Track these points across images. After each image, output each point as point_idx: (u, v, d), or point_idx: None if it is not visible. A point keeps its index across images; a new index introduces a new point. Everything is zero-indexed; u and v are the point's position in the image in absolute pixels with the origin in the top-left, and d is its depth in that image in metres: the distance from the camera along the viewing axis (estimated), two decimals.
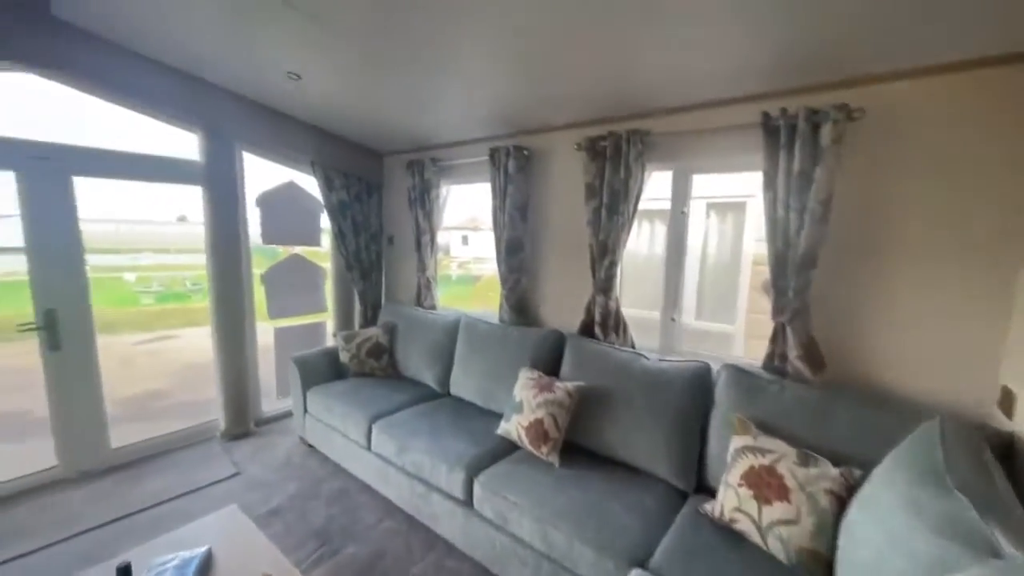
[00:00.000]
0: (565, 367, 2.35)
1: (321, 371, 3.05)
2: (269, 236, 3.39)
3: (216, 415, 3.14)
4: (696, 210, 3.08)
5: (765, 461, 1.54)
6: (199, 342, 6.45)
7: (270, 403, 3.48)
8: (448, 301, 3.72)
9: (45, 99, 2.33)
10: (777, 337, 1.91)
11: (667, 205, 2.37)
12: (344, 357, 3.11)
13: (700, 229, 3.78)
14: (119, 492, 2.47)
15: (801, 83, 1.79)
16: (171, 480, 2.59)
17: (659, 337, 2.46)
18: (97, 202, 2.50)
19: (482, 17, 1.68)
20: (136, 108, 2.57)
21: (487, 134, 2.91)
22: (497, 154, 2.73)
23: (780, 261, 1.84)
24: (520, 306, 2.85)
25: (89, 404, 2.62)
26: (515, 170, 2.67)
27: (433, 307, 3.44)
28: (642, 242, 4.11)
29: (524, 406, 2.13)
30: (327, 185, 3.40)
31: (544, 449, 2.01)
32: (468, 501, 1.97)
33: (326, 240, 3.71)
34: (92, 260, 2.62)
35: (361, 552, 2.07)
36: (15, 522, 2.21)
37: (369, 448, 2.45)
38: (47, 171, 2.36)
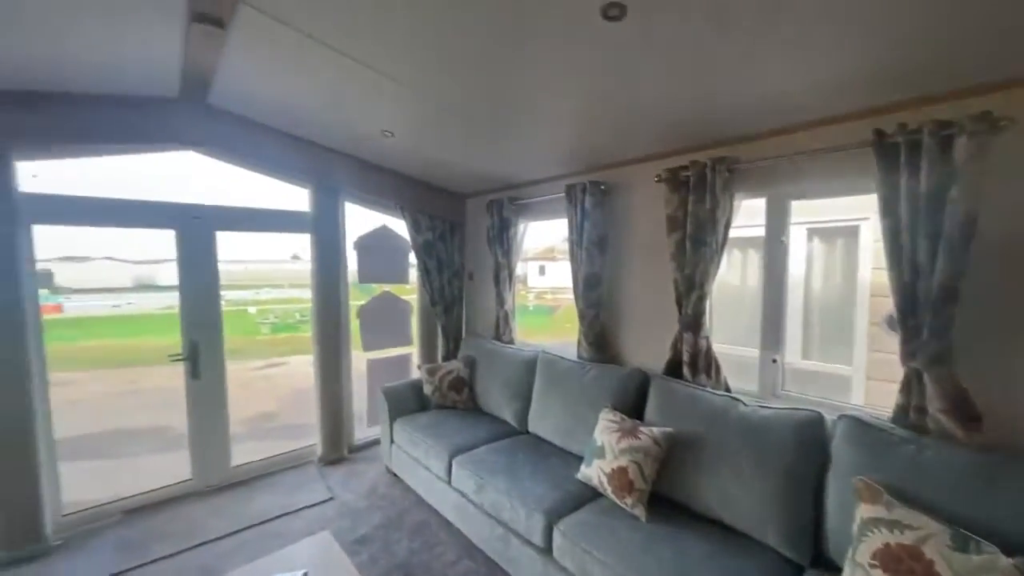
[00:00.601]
0: (650, 410, 2.20)
1: (407, 402, 3.20)
2: (365, 275, 3.72)
3: (315, 440, 3.41)
4: (796, 235, 2.78)
5: (905, 540, 1.27)
6: (304, 368, 7.18)
7: (361, 430, 3.71)
8: (525, 332, 3.73)
9: (197, 168, 2.85)
10: (910, 385, 1.62)
11: (763, 232, 2.18)
12: (428, 389, 3.23)
13: (802, 257, 3.41)
14: (234, 508, 2.76)
15: (921, 92, 1.57)
16: (275, 500, 2.84)
17: (758, 379, 2.22)
18: (232, 245, 2.93)
19: (559, 65, 1.73)
20: (264, 171, 3.02)
21: (563, 171, 2.95)
22: (573, 190, 2.75)
23: (908, 295, 1.58)
24: (599, 342, 2.76)
25: (218, 426, 3.01)
26: (592, 205, 2.66)
27: (511, 341, 3.47)
28: (735, 273, 3.81)
29: (606, 451, 2.02)
30: (414, 227, 3.66)
31: (629, 500, 1.87)
32: (548, 549, 1.88)
33: (413, 276, 3.96)
34: (226, 295, 3.06)
35: None
36: (155, 528, 2.56)
37: (449, 483, 2.48)
38: (198, 228, 2.85)
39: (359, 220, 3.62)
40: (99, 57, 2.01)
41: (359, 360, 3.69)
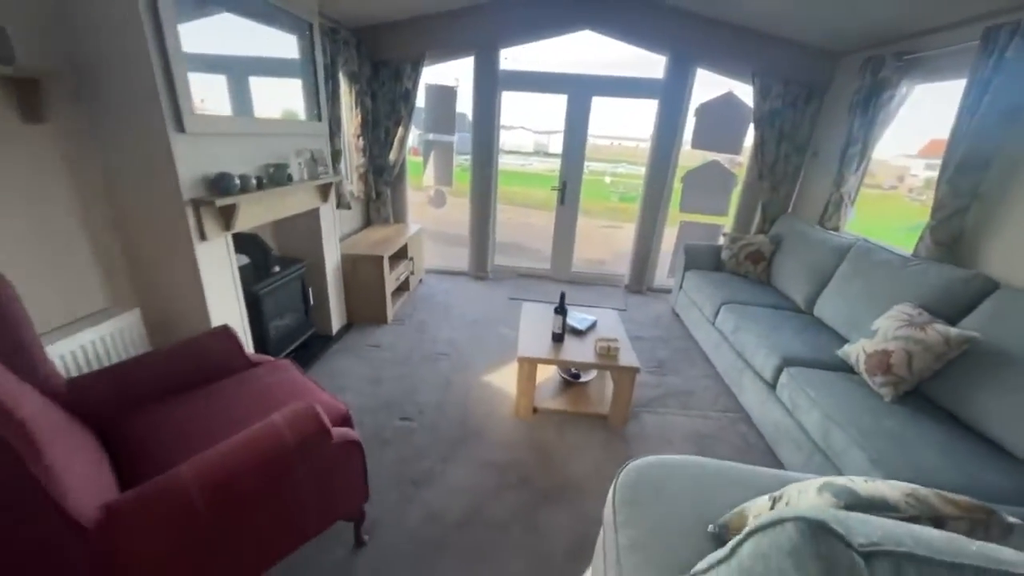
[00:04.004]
0: (973, 317, 1.86)
1: (703, 260, 3.63)
2: (699, 142, 4.01)
3: (624, 271, 4.44)
4: None
5: None
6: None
7: (661, 279, 4.47)
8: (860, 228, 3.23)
9: (575, 44, 3.73)
10: None
11: None
12: (725, 255, 3.54)
13: None
14: (571, 291, 4.19)
15: None
16: (590, 296, 4.10)
17: None
18: (603, 121, 3.87)
19: None
20: (633, 42, 3.63)
21: (988, 8, 2.15)
22: (995, 35, 2.04)
23: None
24: (952, 242, 2.26)
25: (568, 240, 4.43)
26: (1019, 54, 1.95)
27: (836, 228, 3.15)
28: None
29: (878, 334, 1.97)
30: (762, 93, 3.54)
31: (879, 379, 1.86)
32: (772, 385, 2.18)
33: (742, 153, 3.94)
34: (589, 165, 4.15)
35: (680, 385, 2.75)
36: (528, 286, 4.30)
37: (714, 324, 2.94)
38: (580, 93, 3.89)
39: (705, 87, 3.82)
40: None
41: (669, 236, 4.27)
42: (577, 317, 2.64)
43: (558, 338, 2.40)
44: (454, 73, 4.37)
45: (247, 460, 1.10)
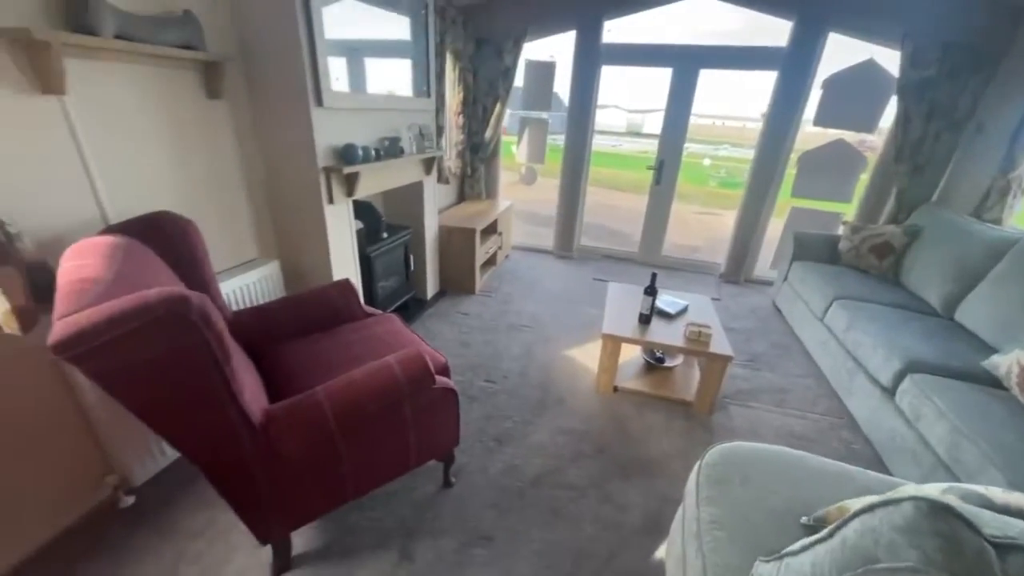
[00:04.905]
0: None
1: (814, 250, 3.28)
2: (823, 118, 3.57)
3: (721, 260, 4.16)
4: None
5: None
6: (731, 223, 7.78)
7: (762, 271, 4.12)
8: None
9: (685, 13, 3.48)
10: None
11: None
12: (843, 246, 3.16)
13: None
14: (660, 276, 4.05)
15: None
16: (680, 283, 3.92)
17: None
18: (707, 102, 3.62)
19: None
20: (754, 6, 3.30)
21: None
22: None
23: None
24: None
25: (659, 225, 4.25)
26: None
27: (997, 221, 2.66)
28: None
29: None
30: (912, 60, 3.04)
31: None
32: (890, 391, 1.95)
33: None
34: (688, 147, 3.93)
35: (775, 381, 2.57)
36: (612, 268, 4.23)
37: (822, 320, 2.68)
38: (686, 66, 3.65)
39: (832, 56, 3.38)
40: None
41: (775, 226, 3.89)
42: (667, 300, 2.58)
43: (645, 319, 2.37)
44: (550, 51, 4.36)
45: (367, 389, 1.28)
